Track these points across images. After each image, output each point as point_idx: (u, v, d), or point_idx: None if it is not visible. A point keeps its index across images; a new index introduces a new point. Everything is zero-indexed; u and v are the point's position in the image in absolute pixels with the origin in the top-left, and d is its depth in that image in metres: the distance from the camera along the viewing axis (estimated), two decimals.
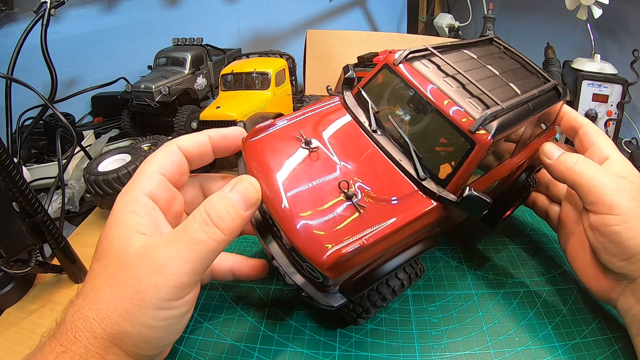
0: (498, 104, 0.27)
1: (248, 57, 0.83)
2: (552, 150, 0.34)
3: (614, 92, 0.66)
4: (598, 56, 0.70)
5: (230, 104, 0.60)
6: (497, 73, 0.32)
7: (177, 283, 0.24)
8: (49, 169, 0.62)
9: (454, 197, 0.27)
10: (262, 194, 0.27)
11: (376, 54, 0.68)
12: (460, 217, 0.35)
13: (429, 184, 0.27)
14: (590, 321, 0.35)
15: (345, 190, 0.26)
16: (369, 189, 0.27)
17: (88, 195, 0.51)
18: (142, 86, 0.69)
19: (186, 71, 0.76)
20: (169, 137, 0.60)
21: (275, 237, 0.29)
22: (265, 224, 0.30)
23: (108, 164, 0.49)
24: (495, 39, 0.38)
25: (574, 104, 0.69)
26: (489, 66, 0.33)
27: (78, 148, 0.59)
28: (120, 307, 0.23)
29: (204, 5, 0.94)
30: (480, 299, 0.38)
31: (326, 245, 0.24)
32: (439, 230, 0.32)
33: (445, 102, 0.28)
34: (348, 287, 0.27)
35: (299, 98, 0.85)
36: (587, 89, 0.67)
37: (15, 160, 0.55)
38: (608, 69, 0.69)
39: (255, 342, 0.34)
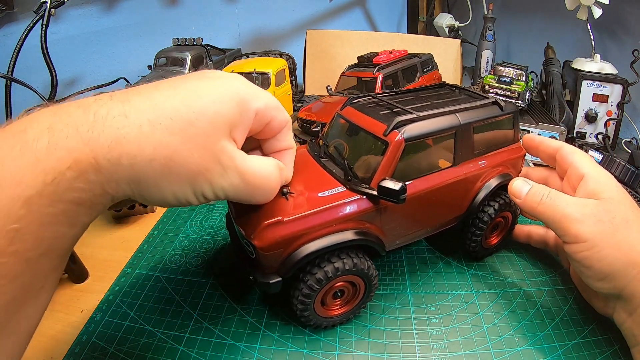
0: (413, 113, 0.34)
1: (248, 57, 0.83)
2: (519, 189, 0.35)
3: (614, 92, 0.66)
4: (598, 56, 0.70)
5: None
6: (432, 101, 0.38)
7: (238, 176, 0.26)
8: None
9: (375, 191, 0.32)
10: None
11: (376, 54, 0.67)
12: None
13: (354, 183, 0.33)
14: (590, 321, 0.35)
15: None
16: (303, 188, 0.34)
17: None
18: None
19: (186, 71, 0.76)
20: None
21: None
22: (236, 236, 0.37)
23: None
24: (445, 82, 0.45)
25: (574, 104, 0.69)
26: (426, 98, 0.40)
27: None
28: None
29: (204, 5, 0.94)
30: (480, 299, 0.38)
31: (257, 223, 0.31)
32: (379, 231, 0.35)
33: (370, 122, 0.35)
34: (282, 269, 0.32)
35: (299, 98, 0.85)
36: (587, 89, 0.67)
37: None
38: (608, 69, 0.69)
39: (255, 342, 0.34)
